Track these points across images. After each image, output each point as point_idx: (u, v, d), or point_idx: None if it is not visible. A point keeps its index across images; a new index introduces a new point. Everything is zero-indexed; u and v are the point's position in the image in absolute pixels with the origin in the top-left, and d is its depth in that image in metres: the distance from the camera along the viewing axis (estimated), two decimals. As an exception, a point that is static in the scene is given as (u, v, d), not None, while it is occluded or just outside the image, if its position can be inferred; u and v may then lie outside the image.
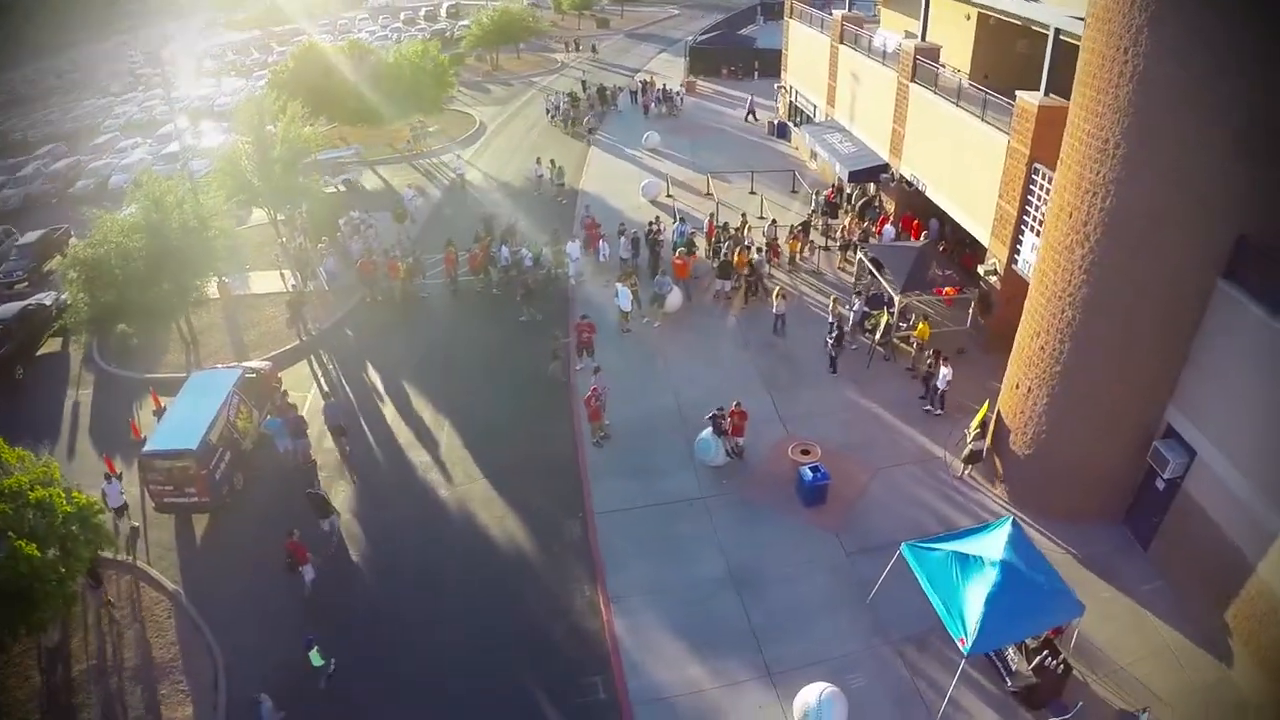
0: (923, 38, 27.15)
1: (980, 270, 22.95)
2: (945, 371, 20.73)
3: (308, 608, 17.16)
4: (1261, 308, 14.07)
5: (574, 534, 18.67)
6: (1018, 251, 21.59)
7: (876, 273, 24.39)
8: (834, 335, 22.66)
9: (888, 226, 28.45)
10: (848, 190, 32.19)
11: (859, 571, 16.89)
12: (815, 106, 37.09)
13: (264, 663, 15.70)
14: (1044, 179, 20.24)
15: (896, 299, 22.89)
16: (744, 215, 30.28)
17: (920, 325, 22.78)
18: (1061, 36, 20.19)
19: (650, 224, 29.47)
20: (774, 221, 29.87)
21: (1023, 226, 21.23)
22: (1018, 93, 20.86)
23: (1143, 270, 15.22)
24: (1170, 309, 15.44)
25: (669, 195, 35.60)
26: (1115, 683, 14.49)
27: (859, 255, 25.85)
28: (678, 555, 17.74)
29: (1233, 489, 14.68)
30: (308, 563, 17.46)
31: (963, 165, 24.02)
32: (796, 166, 37.83)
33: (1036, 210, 20.60)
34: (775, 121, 42.86)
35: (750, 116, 45.55)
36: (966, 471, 19.10)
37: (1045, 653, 14.17)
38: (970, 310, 23.48)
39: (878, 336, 23.20)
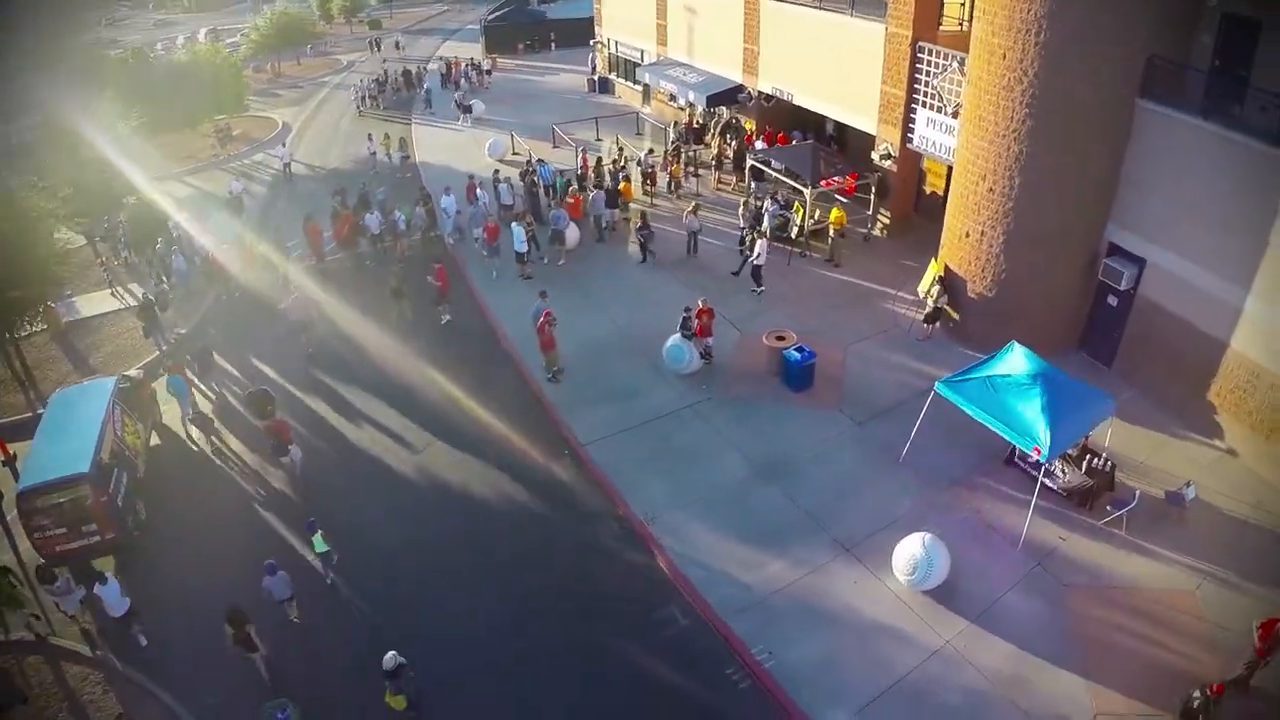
0: (764, -46, 26.25)
1: (874, 157, 22.44)
2: (761, 246, 20.28)
3: (298, 490, 15.68)
4: (1180, 111, 14.51)
5: (568, 470, 15.93)
6: (910, 130, 21.24)
7: (781, 175, 23.17)
8: (643, 232, 22.65)
9: (757, 143, 27.43)
10: (699, 119, 30.91)
11: (879, 436, 15.70)
12: (643, 52, 35.43)
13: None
14: (930, 55, 19.91)
15: (808, 194, 21.84)
16: (620, 147, 28.08)
17: (834, 212, 21.86)
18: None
19: (526, 164, 26.52)
20: (650, 151, 27.94)
21: (913, 105, 20.86)
22: (891, -22, 20.35)
23: (1080, 94, 15.08)
24: (1105, 129, 15.47)
25: (515, 152, 32.58)
26: (1143, 474, 14.34)
27: (749, 164, 24.55)
28: (693, 464, 15.58)
29: (1191, 280, 14.92)
30: (293, 442, 15.71)
31: (834, 64, 23.36)
32: (633, 112, 36.05)
33: (926, 86, 20.26)
34: (596, 77, 40.73)
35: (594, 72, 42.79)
36: (930, 330, 18.47)
37: (1089, 456, 13.70)
38: (870, 198, 22.95)
39: (795, 234, 22.11)
